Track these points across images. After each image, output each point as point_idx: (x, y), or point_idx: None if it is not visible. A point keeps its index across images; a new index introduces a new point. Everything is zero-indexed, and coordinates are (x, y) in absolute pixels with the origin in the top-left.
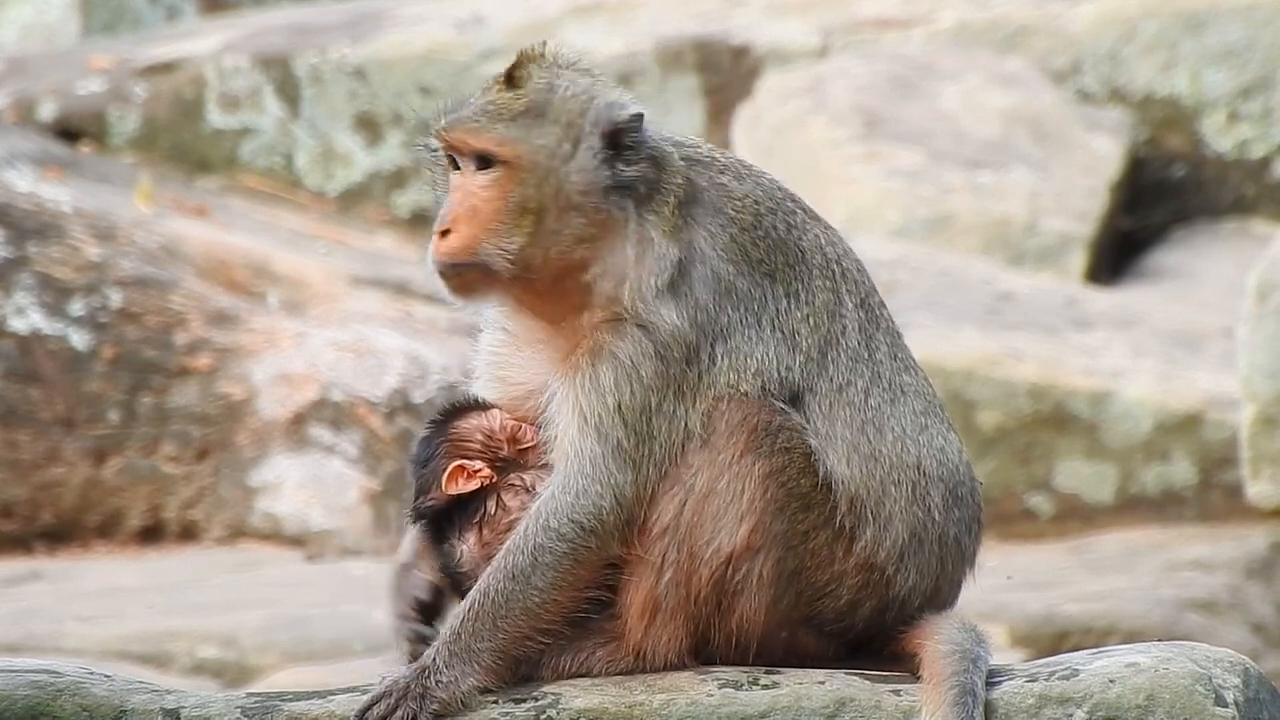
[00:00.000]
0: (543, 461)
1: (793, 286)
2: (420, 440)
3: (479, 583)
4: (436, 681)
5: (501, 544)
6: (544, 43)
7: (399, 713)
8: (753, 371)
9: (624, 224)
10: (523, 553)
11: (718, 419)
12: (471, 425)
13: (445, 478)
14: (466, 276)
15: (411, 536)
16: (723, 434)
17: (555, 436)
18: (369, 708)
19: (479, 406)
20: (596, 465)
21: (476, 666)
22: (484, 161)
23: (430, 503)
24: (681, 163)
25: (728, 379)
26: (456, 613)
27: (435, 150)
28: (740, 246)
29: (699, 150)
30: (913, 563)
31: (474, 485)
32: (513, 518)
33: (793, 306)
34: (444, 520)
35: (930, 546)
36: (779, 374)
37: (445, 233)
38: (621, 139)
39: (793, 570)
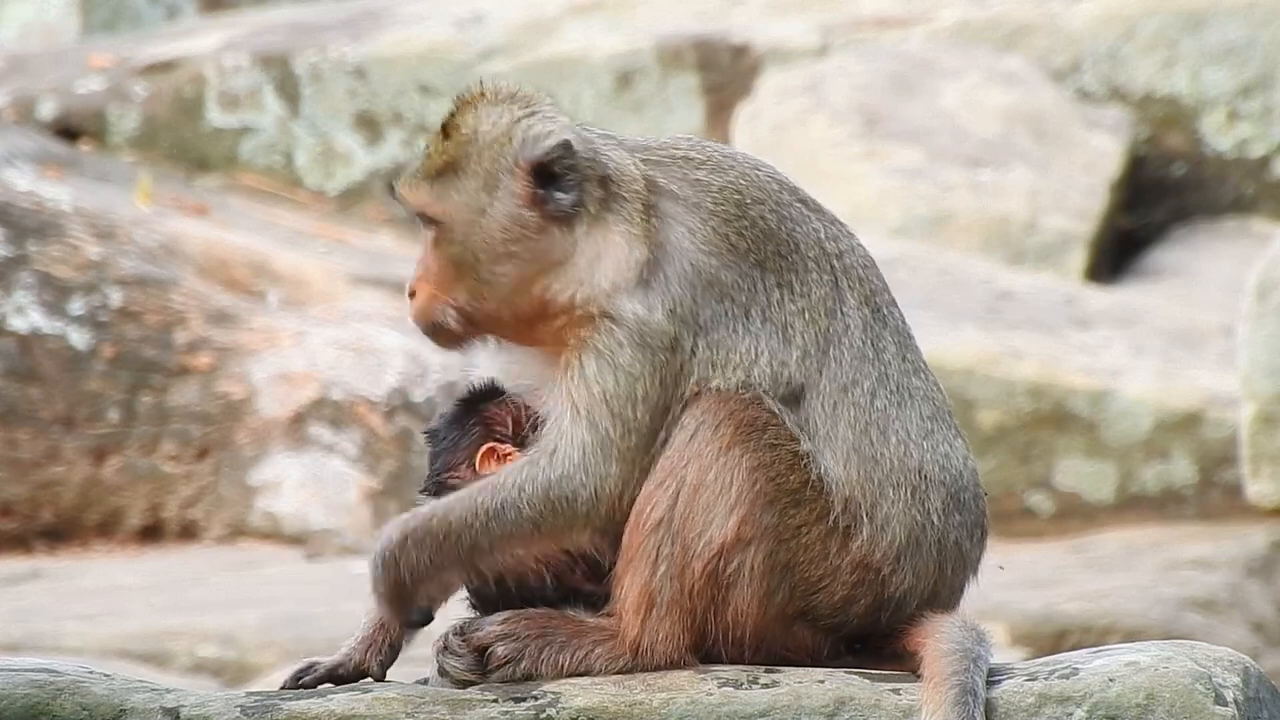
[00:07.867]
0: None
1: (785, 277)
2: (449, 417)
3: (441, 503)
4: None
5: None
6: (480, 82)
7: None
8: (737, 364)
9: (574, 245)
10: (494, 497)
11: (704, 412)
12: (503, 409)
13: (479, 457)
14: (440, 335)
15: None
16: (709, 426)
17: (550, 424)
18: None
19: (503, 391)
20: (585, 454)
21: (388, 569)
22: (428, 219)
23: (455, 480)
24: (642, 168)
25: (711, 371)
26: (413, 514)
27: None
28: (723, 238)
29: (667, 152)
30: (909, 564)
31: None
32: None
33: (785, 298)
34: None
35: (929, 550)
36: (771, 369)
37: (412, 294)
38: (551, 170)
39: (785, 564)
